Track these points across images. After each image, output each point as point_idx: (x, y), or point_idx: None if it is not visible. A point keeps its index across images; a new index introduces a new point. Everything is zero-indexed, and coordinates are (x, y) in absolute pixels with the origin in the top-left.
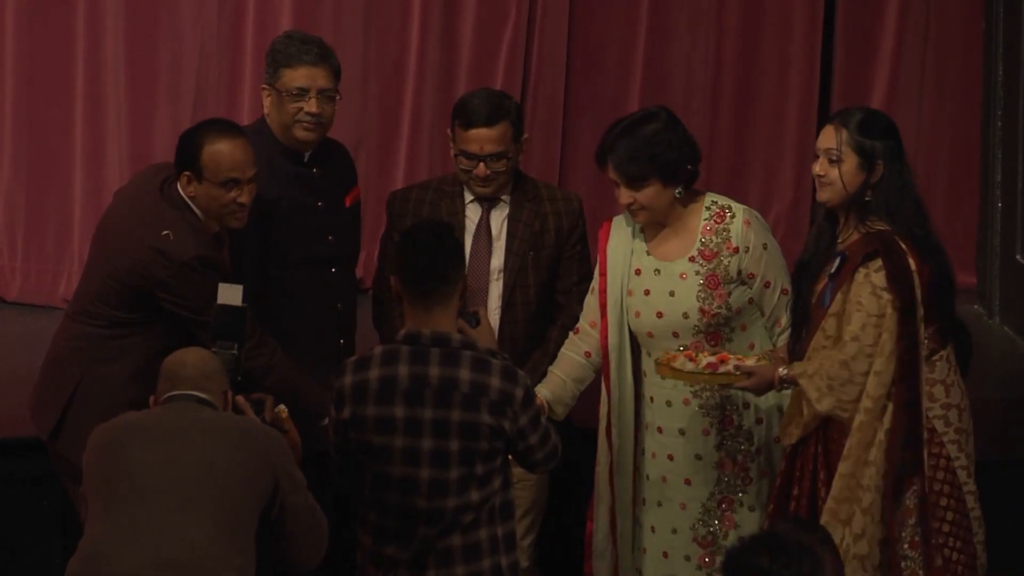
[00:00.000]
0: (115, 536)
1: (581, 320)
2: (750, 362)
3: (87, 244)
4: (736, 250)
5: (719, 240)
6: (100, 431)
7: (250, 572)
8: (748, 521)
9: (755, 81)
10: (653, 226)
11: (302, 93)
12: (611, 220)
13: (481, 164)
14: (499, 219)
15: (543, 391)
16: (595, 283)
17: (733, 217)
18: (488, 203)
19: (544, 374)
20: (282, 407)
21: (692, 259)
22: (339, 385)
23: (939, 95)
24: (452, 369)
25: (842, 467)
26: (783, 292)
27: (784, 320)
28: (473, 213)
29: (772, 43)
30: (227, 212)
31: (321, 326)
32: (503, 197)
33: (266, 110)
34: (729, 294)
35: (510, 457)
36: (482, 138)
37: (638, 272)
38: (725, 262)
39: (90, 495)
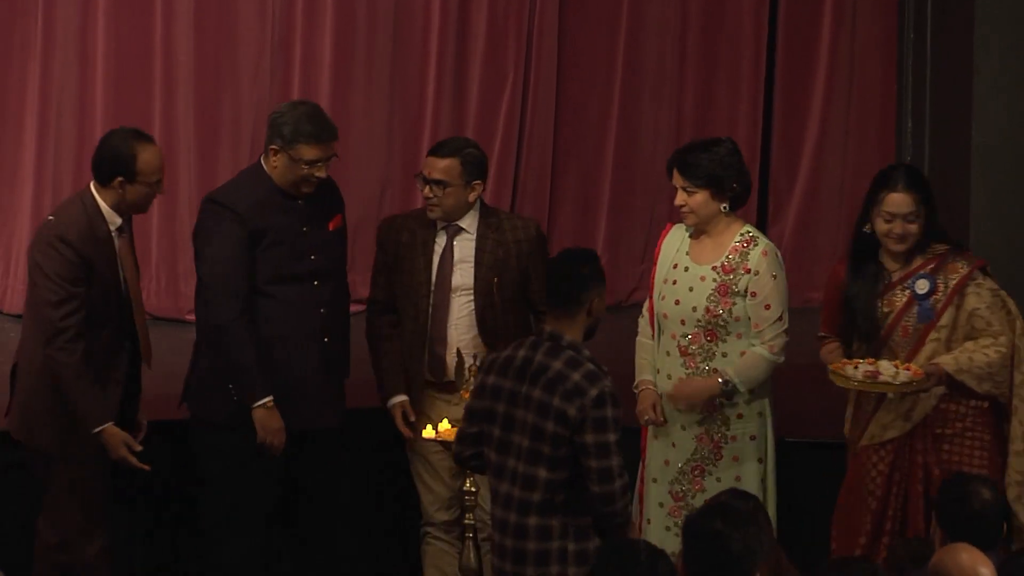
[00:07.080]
0: None
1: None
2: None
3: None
4: (749, 271)
5: (740, 260)
6: None
7: None
8: (713, 488)
9: (708, 133)
10: (699, 234)
11: (317, 162)
12: (672, 224)
13: (428, 187)
14: (461, 246)
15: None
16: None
17: (756, 246)
18: (452, 231)
19: None
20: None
21: (715, 268)
22: (481, 362)
23: (859, 148)
24: (550, 359)
25: (1018, 447)
26: (778, 319)
27: (767, 333)
28: (441, 239)
29: (722, 103)
30: (148, 203)
31: (306, 328)
32: (464, 226)
33: (274, 164)
34: (733, 304)
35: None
36: (430, 164)
37: (675, 266)
38: (738, 278)
39: None
